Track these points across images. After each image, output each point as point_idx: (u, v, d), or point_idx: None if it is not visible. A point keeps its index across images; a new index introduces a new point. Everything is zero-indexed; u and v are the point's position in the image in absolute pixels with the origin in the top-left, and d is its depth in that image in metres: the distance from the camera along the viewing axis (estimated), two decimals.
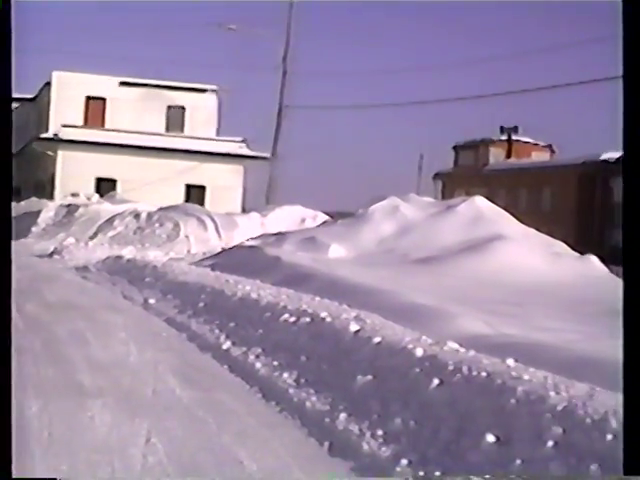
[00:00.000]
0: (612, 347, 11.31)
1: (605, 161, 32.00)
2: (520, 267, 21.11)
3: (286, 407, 8.61)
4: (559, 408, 6.43)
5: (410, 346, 8.79)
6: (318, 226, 29.78)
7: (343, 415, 7.99)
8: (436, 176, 45.40)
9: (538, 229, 26.20)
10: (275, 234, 27.80)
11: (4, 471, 4.65)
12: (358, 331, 9.97)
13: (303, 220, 36.60)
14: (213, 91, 54.17)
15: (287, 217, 37.02)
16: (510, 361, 7.90)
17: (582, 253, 24.68)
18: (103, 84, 53.06)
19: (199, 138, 51.30)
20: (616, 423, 5.95)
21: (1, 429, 4.70)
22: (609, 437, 5.85)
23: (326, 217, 35.46)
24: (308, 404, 8.58)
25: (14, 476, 4.81)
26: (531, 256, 22.32)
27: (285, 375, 9.76)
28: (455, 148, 43.33)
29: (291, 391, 9.15)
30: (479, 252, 21.92)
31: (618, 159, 31.44)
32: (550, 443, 6.08)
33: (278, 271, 18.09)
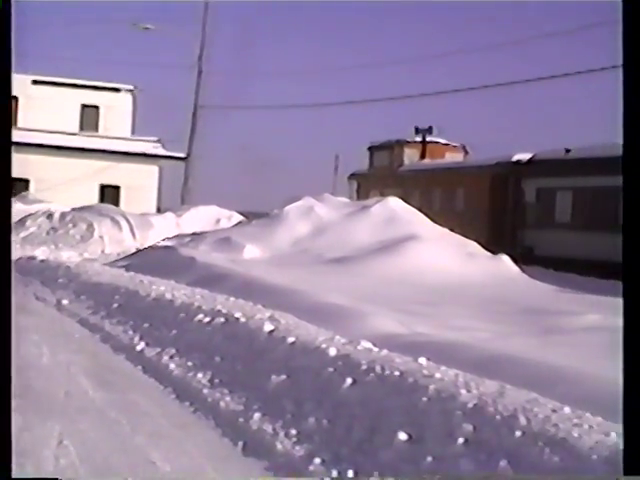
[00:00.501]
0: (523, 345, 11.52)
1: (517, 162, 32.46)
2: (433, 267, 21.35)
3: (200, 407, 8.57)
4: (470, 405, 6.52)
5: (324, 346, 8.83)
6: (233, 226, 29.72)
7: (257, 415, 7.98)
8: (351, 177, 45.56)
9: (452, 229, 26.53)
10: (190, 234, 27.66)
11: (4, 471, 4.66)
12: (272, 331, 9.98)
13: (218, 220, 36.46)
14: (128, 90, 53.59)
15: (202, 217, 36.84)
16: (422, 360, 7.98)
17: (495, 253, 25.07)
18: (15, 82, 52.04)
19: (114, 138, 50.74)
20: (525, 420, 6.06)
21: (1, 429, 4.72)
22: (518, 433, 5.95)
23: (241, 217, 35.42)
24: (222, 404, 8.56)
25: (14, 476, 4.83)
26: (444, 256, 22.60)
27: (199, 375, 9.71)
28: (370, 149, 43.52)
29: (205, 391, 9.11)
30: (393, 252, 22.12)
31: (529, 160, 31.97)
32: (461, 440, 6.16)
33: (193, 271, 18.00)
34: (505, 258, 24.38)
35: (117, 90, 53.44)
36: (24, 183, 48.15)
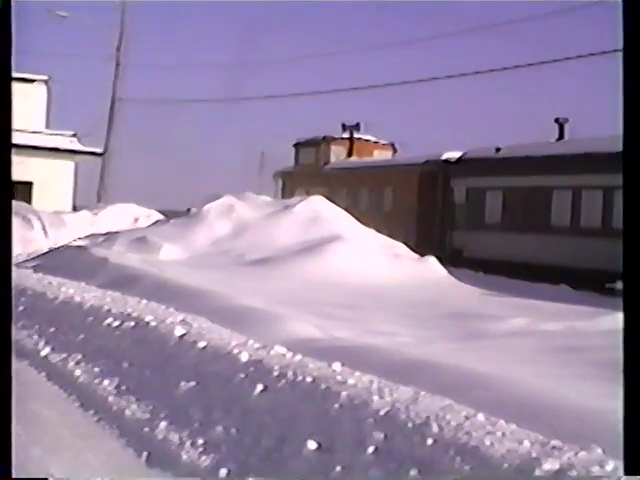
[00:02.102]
0: (444, 350, 11.64)
1: (446, 161, 32.71)
2: (358, 269, 21.45)
3: (104, 416, 8.50)
4: (382, 413, 6.55)
5: (236, 351, 8.81)
6: (150, 225, 29.50)
7: (164, 424, 7.93)
8: (276, 174, 45.49)
9: (378, 230, 26.67)
10: (105, 234, 27.41)
11: (4, 471, 4.80)
12: (183, 335, 9.92)
13: (137, 219, 36.21)
14: (42, 81, 52.89)
15: (120, 216, 36.56)
16: (336, 365, 8.00)
17: (422, 255, 25.26)
18: None
19: (26, 131, 50.03)
20: (437, 427, 6.10)
21: (1, 429, 4.87)
22: (429, 442, 6.00)
23: (161, 216, 35.18)
24: (128, 412, 8.49)
25: (14, 476, 4.96)
26: (370, 258, 22.72)
27: (106, 382, 9.63)
28: (296, 146, 43.50)
29: (111, 399, 9.04)
30: (316, 253, 22.17)
31: (459, 159, 32.24)
32: (371, 449, 6.19)
33: (105, 273, 17.83)
34: (432, 260, 24.58)
35: (30, 81, 52.67)
36: None
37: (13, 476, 4.91)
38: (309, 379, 7.56)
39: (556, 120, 30.37)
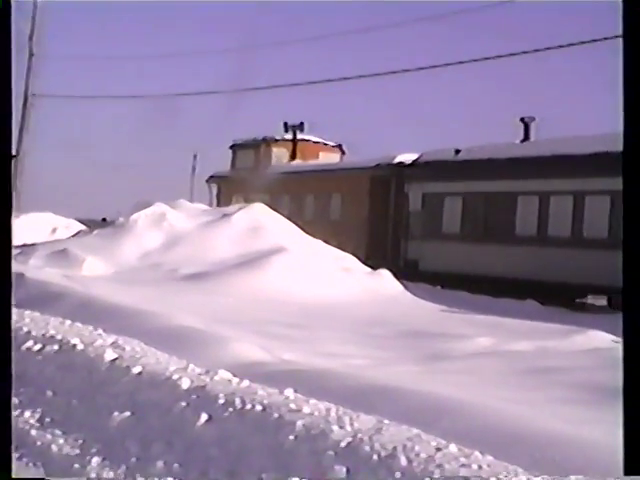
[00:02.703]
0: (404, 373, 11.67)
1: (400, 164, 32.72)
2: (304, 284, 21.44)
3: (26, 452, 8.38)
4: (343, 444, 6.54)
5: (175, 376, 8.75)
6: (71, 237, 29.27)
7: (96, 460, 7.85)
8: (210, 179, 45.25)
9: (326, 241, 26.68)
10: (20, 246, 27.12)
11: (4, 471, 5.02)
12: (115, 360, 9.84)
13: (54, 229, 35.91)
14: None
15: (35, 226, 36.20)
16: (289, 392, 7.98)
17: (374, 268, 25.31)
18: None
19: None
20: (405, 460, 6.11)
21: (1, 429, 5.08)
22: (398, 475, 5.99)
23: (81, 226, 34.92)
24: (54, 448, 8.39)
25: (14, 476, 5.21)
26: (317, 271, 22.73)
27: (27, 414, 9.50)
28: (233, 147, 43.34)
29: (34, 433, 8.92)
30: (257, 267, 22.14)
31: (414, 162, 32.26)
32: None
33: (22, 290, 17.59)
34: (386, 274, 24.66)
35: None
36: None
37: (13, 476, 5.12)
38: (259, 407, 7.54)
39: (521, 119, 30.60)
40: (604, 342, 17.23)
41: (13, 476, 5.09)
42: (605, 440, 7.34)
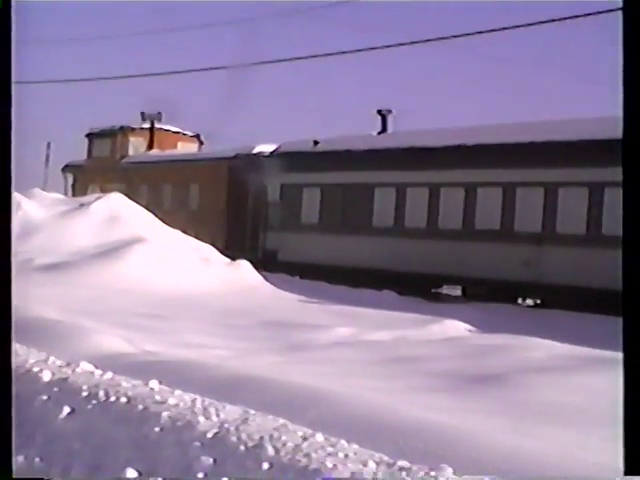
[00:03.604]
0: (267, 363, 11.70)
1: (258, 155, 32.71)
2: (163, 274, 21.31)
3: None
4: (209, 435, 6.51)
5: (35, 369, 8.59)
6: None
7: None
8: (66, 168, 44.49)
9: (184, 231, 26.55)
10: None
11: (4, 471, 5.02)
12: None
13: None
14: None
15: None
16: (154, 383, 7.91)
17: (234, 258, 25.29)
18: None
19: None
20: (272, 450, 6.11)
21: (1, 429, 5.13)
22: (265, 466, 5.99)
23: None
24: None
25: (14, 476, 5.18)
26: (175, 262, 22.60)
27: None
28: (89, 136, 42.69)
29: None
30: (116, 257, 21.90)
31: (273, 152, 32.27)
32: (200, 475, 6.14)
33: None
34: (245, 264, 24.67)
35: None
36: None
37: (13, 476, 5.10)
38: (124, 399, 7.45)
39: (379, 112, 30.91)
40: (459, 331, 17.60)
41: (14, 476, 5.09)
42: (464, 426, 7.50)
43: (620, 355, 4.54)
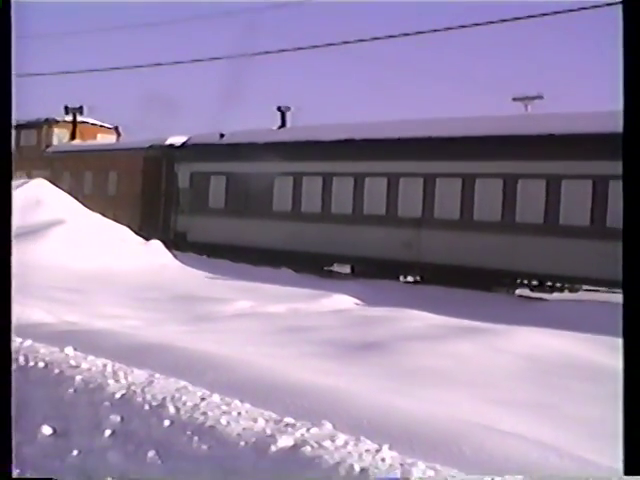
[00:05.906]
0: (174, 332, 11.69)
1: (171, 146, 32.61)
2: (82, 253, 21.09)
3: None
4: (117, 396, 6.52)
5: None
6: None
7: None
8: None
9: (103, 214, 26.28)
10: None
11: (4, 471, 4.76)
12: None
13: None
14: None
15: None
16: (69, 349, 7.88)
17: (147, 239, 25.15)
18: None
19: None
20: (174, 409, 6.14)
21: (1, 429, 4.91)
22: (167, 423, 6.03)
23: None
24: None
25: (14, 476, 4.95)
26: (94, 242, 22.38)
27: None
28: (16, 127, 42.00)
29: None
30: (38, 237, 21.60)
31: (183, 144, 32.19)
32: (108, 432, 6.15)
33: None
34: (157, 244, 24.55)
35: None
36: None
37: (13, 476, 4.89)
38: (41, 364, 7.42)
39: (278, 108, 31.00)
40: (347, 304, 17.77)
41: (14, 476, 4.93)
42: (346, 387, 7.62)
43: (483, 325, 4.62)
